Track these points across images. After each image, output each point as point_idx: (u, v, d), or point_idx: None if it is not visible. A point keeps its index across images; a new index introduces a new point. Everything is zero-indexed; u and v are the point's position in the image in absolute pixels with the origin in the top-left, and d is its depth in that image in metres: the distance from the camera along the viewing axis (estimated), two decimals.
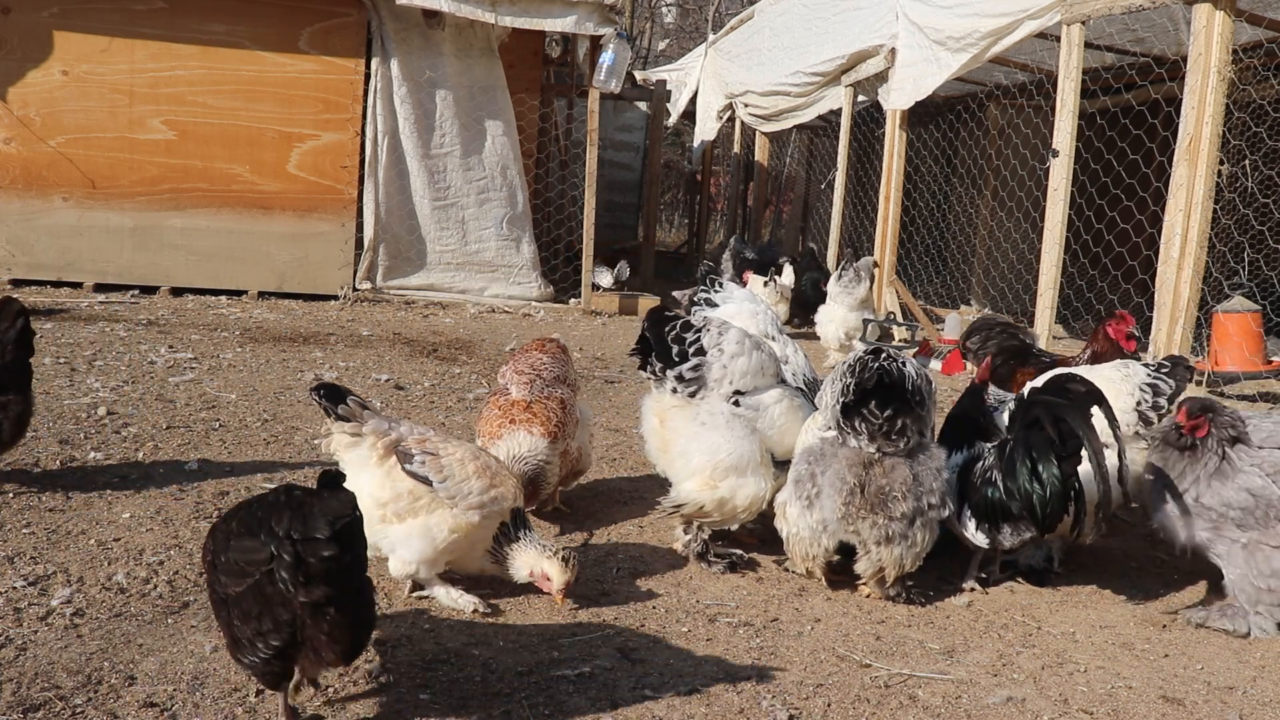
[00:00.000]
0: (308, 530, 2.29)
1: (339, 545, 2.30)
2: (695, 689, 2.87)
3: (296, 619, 2.33)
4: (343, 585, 2.35)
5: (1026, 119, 12.07)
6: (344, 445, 3.17)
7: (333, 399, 3.10)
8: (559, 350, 4.50)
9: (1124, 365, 4.14)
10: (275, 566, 2.29)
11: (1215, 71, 6.21)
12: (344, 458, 3.19)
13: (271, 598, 2.32)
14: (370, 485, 3.14)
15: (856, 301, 8.54)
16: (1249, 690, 3.13)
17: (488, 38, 9.99)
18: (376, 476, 3.16)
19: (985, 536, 3.70)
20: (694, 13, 27.99)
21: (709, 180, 17.87)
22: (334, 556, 2.29)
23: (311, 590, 2.30)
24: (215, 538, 2.46)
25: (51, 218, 9.30)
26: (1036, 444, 3.56)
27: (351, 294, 9.82)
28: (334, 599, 2.33)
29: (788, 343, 4.46)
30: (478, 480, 3.22)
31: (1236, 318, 7.82)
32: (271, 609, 2.33)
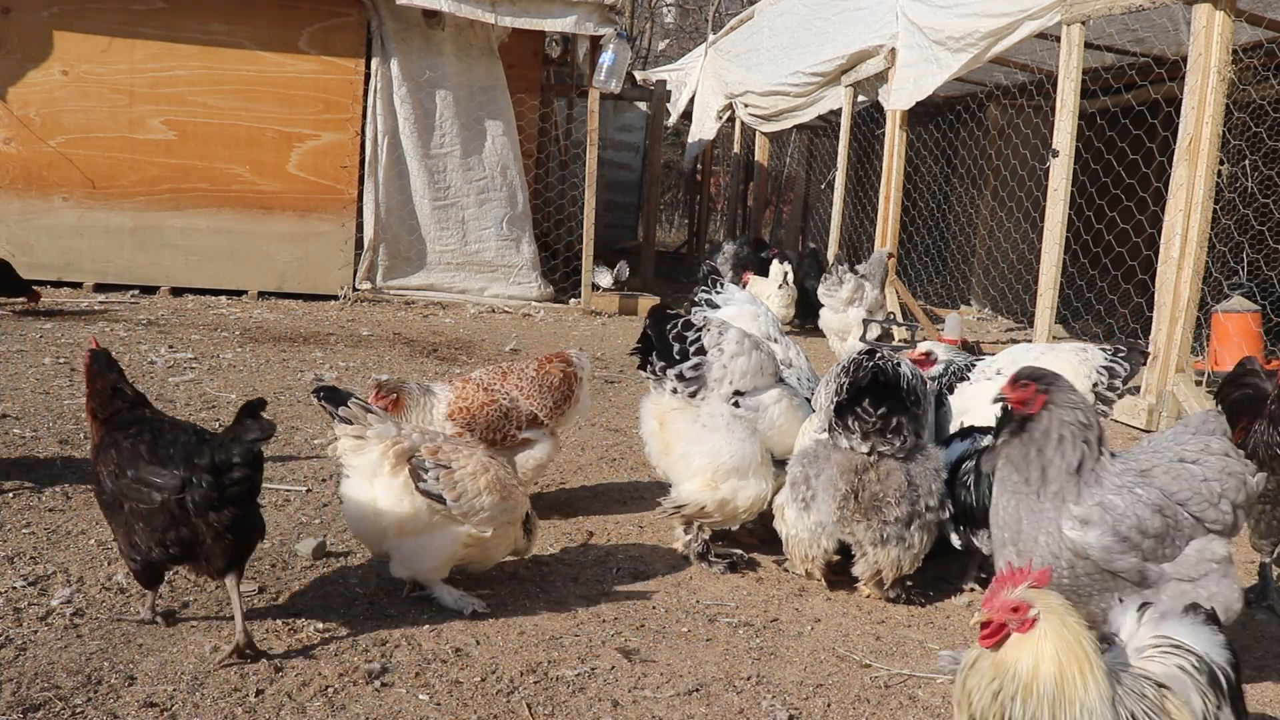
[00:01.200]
0: (221, 460, 2.69)
1: (248, 470, 2.70)
2: (695, 689, 2.87)
3: (198, 536, 2.73)
4: (242, 508, 2.75)
5: (1026, 119, 12.08)
6: (350, 449, 3.13)
7: (333, 401, 3.08)
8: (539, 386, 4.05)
9: (1082, 350, 4.25)
10: (188, 495, 2.68)
11: (1215, 71, 6.21)
12: (351, 463, 3.14)
13: (178, 519, 2.70)
14: (385, 499, 3.10)
15: (840, 303, 8.55)
16: (1248, 690, 3.13)
17: (488, 38, 9.99)
18: (392, 490, 3.10)
19: (960, 539, 3.69)
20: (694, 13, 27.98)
21: (709, 180, 17.87)
22: (241, 480, 2.71)
23: (219, 514, 2.71)
24: (121, 452, 2.79)
25: (51, 218, 9.30)
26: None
27: (351, 294, 9.82)
28: (234, 521, 2.74)
29: (789, 345, 4.46)
30: (489, 496, 3.18)
31: (1236, 318, 7.82)
32: (176, 527, 2.71)
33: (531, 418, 4.06)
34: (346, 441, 3.13)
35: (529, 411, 4.05)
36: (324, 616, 3.15)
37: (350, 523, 3.26)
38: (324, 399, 3.08)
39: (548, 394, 4.10)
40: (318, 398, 3.09)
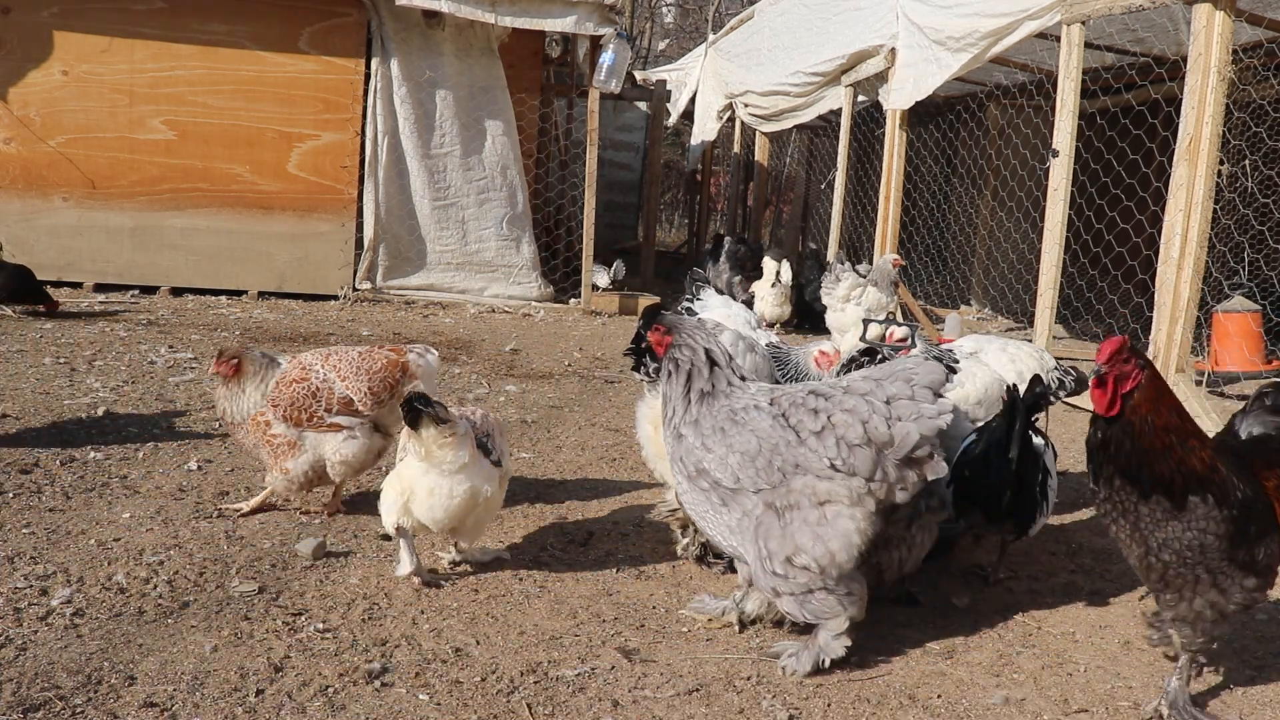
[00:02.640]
0: None
1: None
2: (695, 689, 2.87)
3: None
4: None
5: (1026, 119, 12.08)
6: (443, 445, 3.27)
7: (428, 404, 3.21)
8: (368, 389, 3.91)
9: (1041, 352, 4.60)
10: None
11: (1215, 71, 6.21)
12: (442, 456, 3.29)
13: None
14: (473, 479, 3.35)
15: (838, 300, 8.53)
16: (1248, 690, 3.13)
17: (488, 38, 9.99)
18: (482, 471, 3.38)
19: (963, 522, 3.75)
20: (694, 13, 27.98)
21: (709, 180, 17.87)
22: None
23: None
24: None
25: (51, 218, 9.31)
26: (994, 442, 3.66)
27: (351, 294, 9.82)
28: None
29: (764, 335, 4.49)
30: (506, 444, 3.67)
31: (1236, 318, 7.82)
32: None
33: (346, 402, 3.87)
34: (437, 439, 3.25)
35: (344, 395, 3.87)
36: (324, 616, 3.15)
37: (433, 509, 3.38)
38: (417, 403, 3.20)
39: (364, 378, 3.90)
40: (414, 403, 3.20)
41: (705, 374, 3.16)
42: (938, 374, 3.01)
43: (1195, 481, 2.71)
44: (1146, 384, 2.72)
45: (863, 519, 2.96)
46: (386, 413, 3.97)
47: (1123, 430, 2.73)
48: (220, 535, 3.75)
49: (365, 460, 3.99)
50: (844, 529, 2.94)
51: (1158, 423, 2.72)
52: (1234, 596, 2.78)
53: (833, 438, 2.96)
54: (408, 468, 3.37)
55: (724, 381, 3.16)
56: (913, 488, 3.02)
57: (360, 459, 3.95)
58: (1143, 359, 2.73)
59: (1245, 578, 2.77)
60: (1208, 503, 2.70)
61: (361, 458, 3.95)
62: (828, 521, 2.95)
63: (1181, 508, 2.70)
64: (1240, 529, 2.72)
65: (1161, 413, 2.74)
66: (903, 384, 2.99)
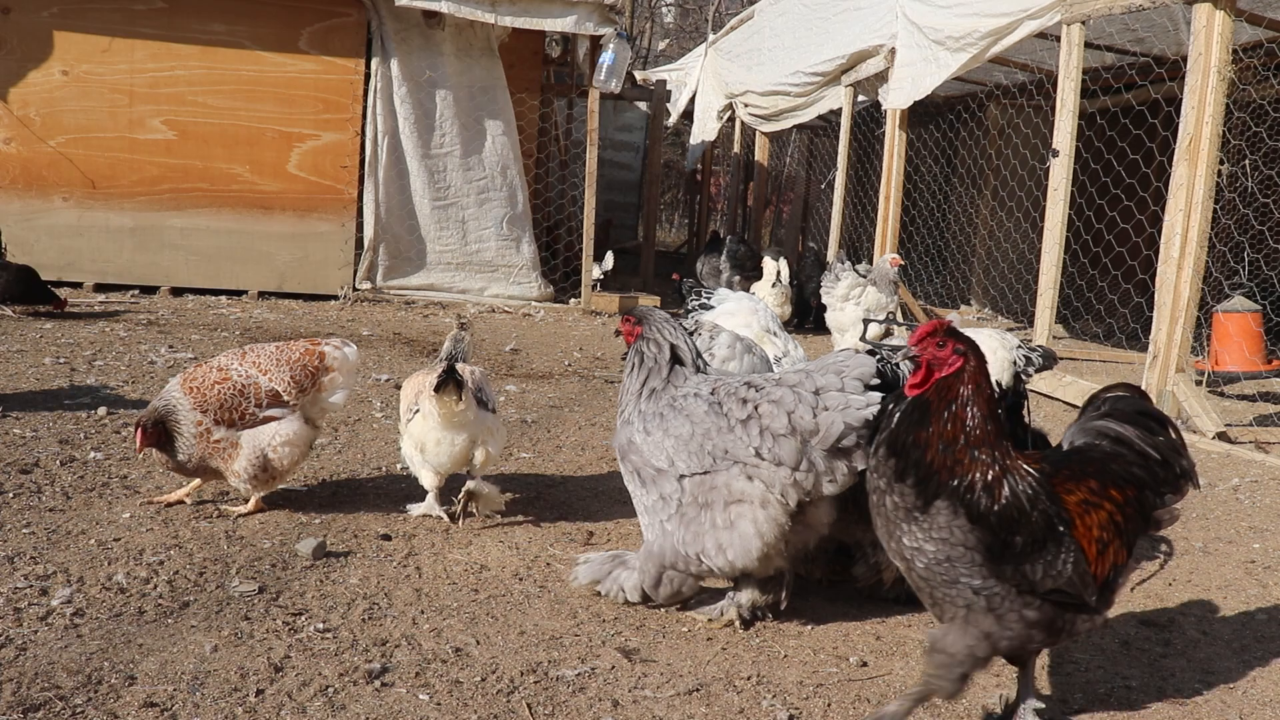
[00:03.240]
0: None
1: None
2: (695, 689, 2.87)
3: None
4: None
5: (1026, 119, 12.08)
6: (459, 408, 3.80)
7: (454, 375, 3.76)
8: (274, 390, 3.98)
9: (1002, 335, 4.77)
10: None
11: (1215, 71, 6.21)
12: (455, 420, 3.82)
13: None
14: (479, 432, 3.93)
15: (838, 299, 8.53)
16: (1249, 690, 3.13)
17: (488, 38, 9.99)
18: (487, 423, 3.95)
19: None
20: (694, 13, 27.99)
21: (709, 180, 17.87)
22: None
23: None
24: None
25: (51, 218, 9.31)
26: None
27: (351, 294, 9.82)
28: None
29: (788, 340, 4.47)
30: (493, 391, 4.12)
31: (1236, 318, 7.82)
32: None
33: (273, 395, 3.93)
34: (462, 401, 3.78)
35: (270, 389, 3.93)
36: (324, 616, 3.15)
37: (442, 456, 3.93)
38: (449, 374, 3.71)
39: (286, 368, 3.96)
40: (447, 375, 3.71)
41: (664, 373, 3.27)
42: (868, 367, 3.08)
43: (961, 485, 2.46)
44: (963, 373, 2.50)
45: (766, 521, 3.02)
46: (310, 403, 4.04)
47: (914, 404, 2.52)
48: (220, 535, 3.75)
49: (307, 439, 4.04)
50: (745, 533, 3.02)
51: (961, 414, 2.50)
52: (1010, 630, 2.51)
53: (757, 427, 3.04)
54: (417, 425, 3.89)
55: (681, 378, 3.26)
56: (843, 479, 3.06)
57: (302, 436, 4.00)
58: (963, 347, 2.52)
59: (1025, 608, 2.50)
60: (955, 512, 2.45)
61: (303, 434, 4.00)
62: (731, 526, 3.04)
63: (925, 508, 2.47)
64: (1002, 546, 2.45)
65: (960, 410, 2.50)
66: (834, 376, 3.06)
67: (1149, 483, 2.65)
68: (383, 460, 4.90)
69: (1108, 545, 2.56)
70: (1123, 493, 2.61)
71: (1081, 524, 2.53)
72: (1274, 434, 6.56)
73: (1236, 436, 6.39)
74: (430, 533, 3.98)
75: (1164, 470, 2.67)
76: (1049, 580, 2.49)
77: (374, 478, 4.63)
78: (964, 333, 2.61)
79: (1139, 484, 2.64)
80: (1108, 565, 2.57)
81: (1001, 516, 2.46)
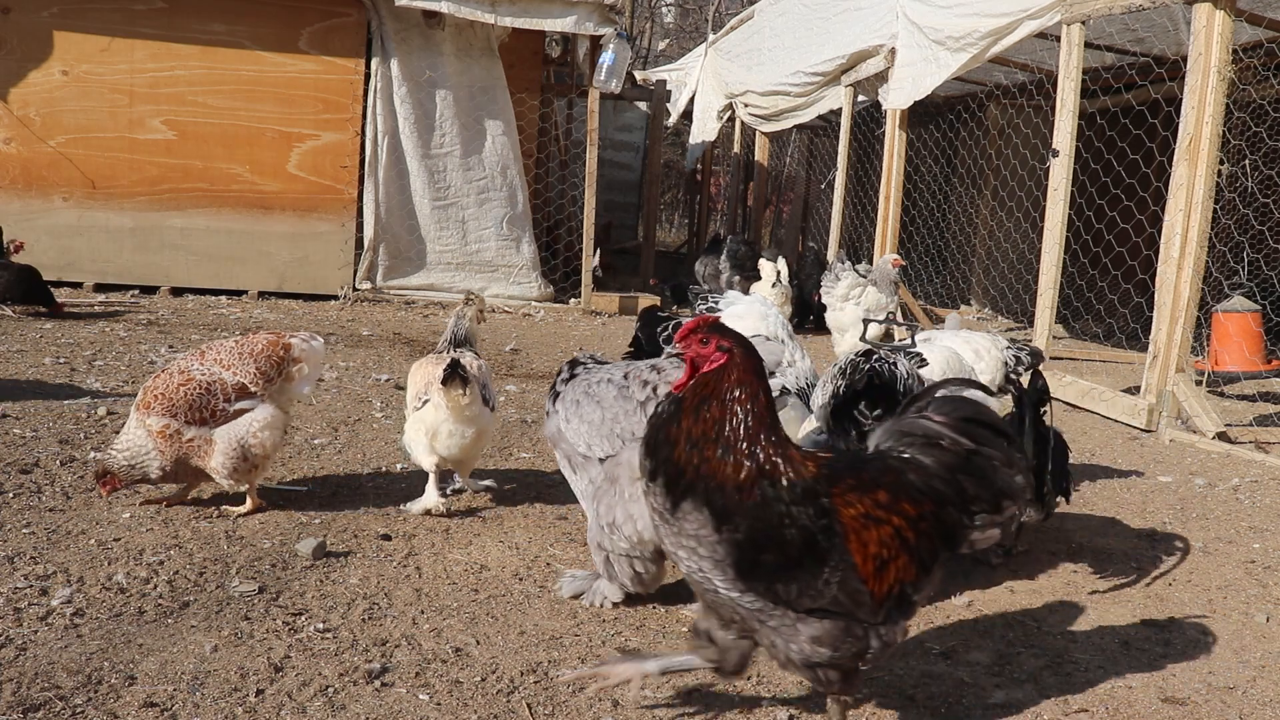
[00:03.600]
0: None
1: None
2: (695, 689, 2.87)
3: None
4: None
5: (1026, 119, 12.08)
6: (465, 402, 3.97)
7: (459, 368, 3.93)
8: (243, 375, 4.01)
9: (994, 337, 4.89)
10: None
11: (1215, 71, 6.21)
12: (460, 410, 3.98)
13: None
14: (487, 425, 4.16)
15: (837, 299, 8.53)
16: (1249, 690, 3.13)
17: (488, 38, 9.99)
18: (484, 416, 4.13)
19: None
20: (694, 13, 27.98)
21: (709, 180, 17.87)
22: None
23: None
24: None
25: (51, 218, 9.31)
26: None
27: (351, 294, 9.82)
28: None
29: (796, 347, 4.45)
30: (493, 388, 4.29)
31: (1236, 318, 7.83)
32: None
33: (240, 388, 3.97)
34: (469, 396, 3.95)
35: (236, 382, 3.96)
36: (324, 616, 3.15)
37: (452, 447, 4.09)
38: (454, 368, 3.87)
39: (250, 361, 3.99)
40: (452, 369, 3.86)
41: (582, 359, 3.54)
42: (774, 354, 3.19)
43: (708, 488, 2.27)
44: (725, 370, 2.33)
45: None
46: (278, 392, 4.07)
47: (672, 401, 2.37)
48: (220, 535, 3.75)
49: (283, 423, 4.06)
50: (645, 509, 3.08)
51: (713, 412, 2.31)
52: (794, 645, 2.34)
53: (654, 406, 3.10)
54: (429, 414, 4.02)
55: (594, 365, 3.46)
56: None
57: (278, 419, 4.02)
58: (731, 343, 2.35)
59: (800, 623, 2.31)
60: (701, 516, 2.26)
61: (279, 418, 4.03)
62: (638, 499, 3.09)
63: (672, 508, 2.30)
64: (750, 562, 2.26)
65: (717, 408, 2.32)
66: None
67: (952, 499, 2.40)
68: (383, 460, 4.90)
69: (888, 563, 2.31)
70: (918, 507, 2.36)
71: (857, 539, 2.30)
72: (1274, 434, 6.56)
73: (1236, 436, 6.39)
74: (430, 533, 3.98)
75: (977, 487, 2.41)
76: (807, 600, 2.28)
77: (374, 478, 4.63)
78: (731, 328, 2.44)
79: (939, 499, 2.39)
80: (888, 584, 2.32)
81: (751, 528, 2.25)
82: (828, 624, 2.31)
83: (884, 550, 2.31)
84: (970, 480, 2.41)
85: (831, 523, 2.29)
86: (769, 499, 2.27)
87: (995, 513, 2.43)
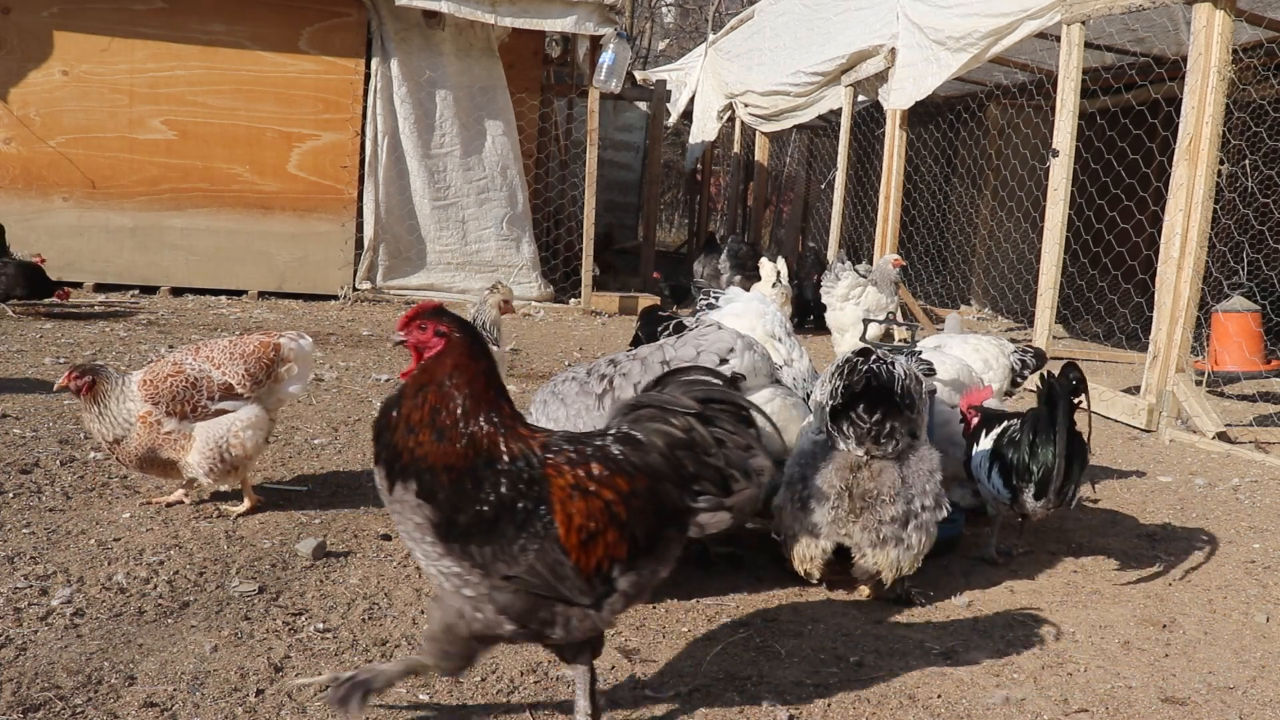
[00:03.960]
0: None
1: None
2: (695, 689, 2.87)
3: None
4: None
5: (1026, 119, 12.08)
6: None
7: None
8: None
9: (1000, 342, 4.91)
10: None
11: (1215, 71, 6.21)
12: None
13: None
14: None
15: (837, 299, 8.53)
16: (1249, 690, 3.13)
17: (488, 38, 9.99)
18: None
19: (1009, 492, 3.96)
20: (694, 13, 27.99)
21: (709, 180, 17.86)
22: None
23: None
24: None
25: (51, 218, 9.31)
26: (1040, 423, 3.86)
27: (351, 294, 9.82)
28: None
29: (794, 345, 4.44)
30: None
31: (1236, 317, 7.83)
32: None
33: (226, 388, 3.97)
34: None
35: (223, 382, 3.96)
36: (324, 616, 3.15)
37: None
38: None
39: (240, 362, 4.00)
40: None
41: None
42: (725, 342, 3.24)
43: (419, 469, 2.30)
44: (443, 356, 2.35)
45: None
46: (266, 394, 4.07)
47: (398, 390, 2.39)
48: (220, 535, 3.75)
49: (265, 425, 4.05)
50: None
51: (431, 398, 2.34)
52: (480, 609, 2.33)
53: (610, 398, 3.23)
54: None
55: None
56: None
57: (262, 420, 4.02)
58: (449, 328, 2.37)
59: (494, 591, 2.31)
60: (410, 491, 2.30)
61: (263, 420, 4.02)
62: None
63: (389, 489, 2.34)
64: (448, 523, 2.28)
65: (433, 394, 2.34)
66: (690, 349, 3.24)
67: (669, 476, 2.38)
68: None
69: (597, 536, 2.30)
70: (631, 482, 2.35)
71: (562, 510, 2.29)
72: (1274, 434, 6.56)
73: (1236, 436, 6.39)
74: None
75: (698, 466, 2.40)
76: (502, 566, 2.28)
77: (374, 477, 4.62)
78: (451, 314, 2.44)
79: (655, 475, 2.37)
80: (596, 558, 2.30)
81: (455, 494, 2.28)
82: (522, 597, 2.30)
83: (592, 523, 2.30)
84: (691, 458, 2.40)
85: (540, 491, 2.30)
86: (480, 475, 2.30)
87: (723, 494, 2.42)
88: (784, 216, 19.57)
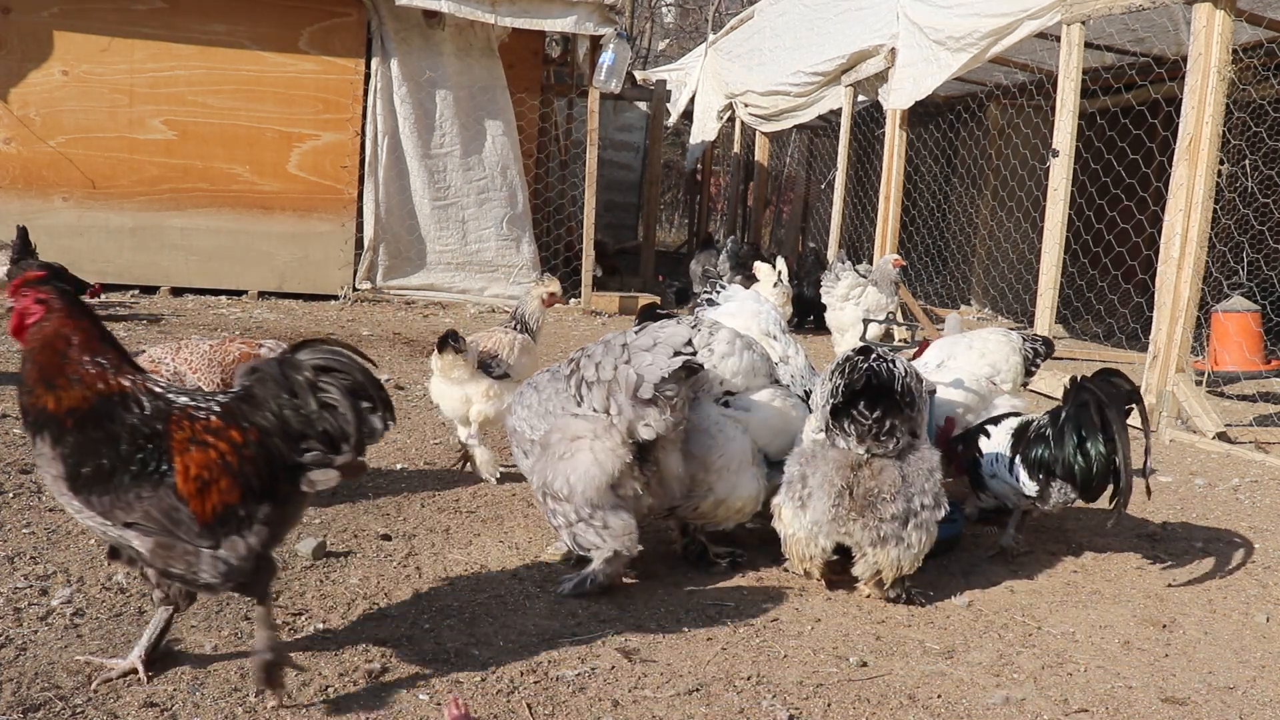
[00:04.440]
0: None
1: None
2: (695, 689, 2.87)
3: None
4: None
5: (1026, 119, 12.08)
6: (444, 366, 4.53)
7: (456, 338, 4.51)
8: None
9: (1008, 335, 4.89)
10: None
11: (1215, 71, 6.21)
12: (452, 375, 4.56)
13: None
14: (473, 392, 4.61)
15: (837, 299, 8.53)
16: (1249, 690, 3.13)
17: (488, 38, 9.99)
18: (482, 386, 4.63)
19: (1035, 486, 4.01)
20: (694, 13, 27.98)
21: (709, 180, 17.86)
22: None
23: None
24: None
25: (51, 218, 9.30)
26: (1085, 423, 3.89)
27: (351, 294, 9.82)
28: None
29: (789, 342, 4.44)
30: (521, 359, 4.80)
31: (1236, 317, 7.83)
32: None
33: None
34: (454, 361, 4.51)
35: (195, 387, 3.88)
36: (324, 617, 3.15)
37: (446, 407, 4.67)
38: (449, 338, 4.48)
39: (217, 370, 3.95)
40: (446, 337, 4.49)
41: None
42: (680, 336, 3.40)
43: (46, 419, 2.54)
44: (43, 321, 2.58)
45: (602, 452, 3.36)
46: None
47: (23, 357, 2.63)
48: None
49: None
50: (583, 462, 3.36)
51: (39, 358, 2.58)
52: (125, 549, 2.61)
53: (576, 378, 3.51)
54: (432, 381, 4.68)
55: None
56: (657, 424, 3.34)
57: None
58: (45, 295, 2.60)
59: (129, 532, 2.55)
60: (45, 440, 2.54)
61: None
62: (571, 456, 3.39)
63: (33, 441, 2.58)
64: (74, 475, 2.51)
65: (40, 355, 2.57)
66: (648, 339, 3.41)
67: (277, 432, 2.60)
68: (382, 460, 4.90)
69: (210, 484, 2.53)
70: (244, 435, 2.59)
71: (180, 460, 2.53)
72: (1274, 434, 6.56)
73: (1236, 436, 6.39)
74: (430, 533, 3.98)
75: (302, 424, 2.60)
76: (121, 512, 2.51)
77: (374, 478, 4.63)
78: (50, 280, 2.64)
79: (264, 431, 2.60)
80: (211, 504, 2.53)
81: (79, 445, 2.51)
82: (151, 540, 2.54)
83: (205, 473, 2.54)
84: (296, 417, 2.60)
85: (158, 444, 2.54)
86: (100, 421, 2.53)
87: (332, 452, 2.62)
88: (784, 216, 19.57)
